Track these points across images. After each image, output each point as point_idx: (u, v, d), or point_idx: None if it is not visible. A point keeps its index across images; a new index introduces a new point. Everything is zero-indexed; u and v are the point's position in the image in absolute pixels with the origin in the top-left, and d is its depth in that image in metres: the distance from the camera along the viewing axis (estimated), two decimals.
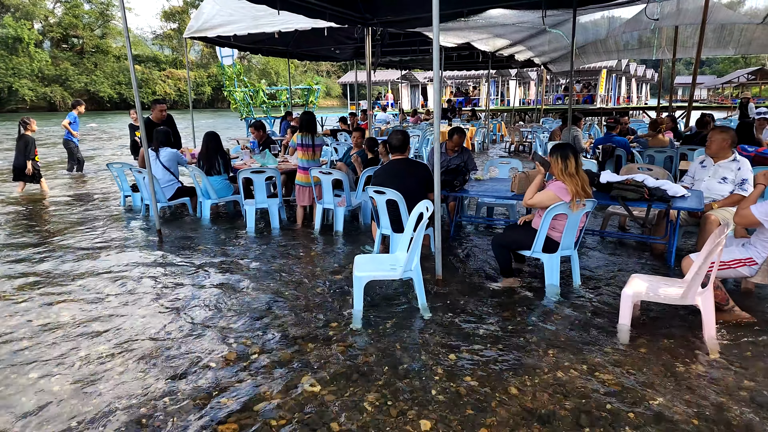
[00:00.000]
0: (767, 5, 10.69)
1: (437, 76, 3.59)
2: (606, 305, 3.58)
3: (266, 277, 4.23)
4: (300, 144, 5.44)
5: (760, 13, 11.04)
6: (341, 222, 5.42)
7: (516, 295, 3.77)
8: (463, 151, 5.68)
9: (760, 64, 44.37)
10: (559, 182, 3.63)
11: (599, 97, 24.92)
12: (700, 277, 2.88)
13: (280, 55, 12.76)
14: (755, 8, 11.11)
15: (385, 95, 28.15)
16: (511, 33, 10.85)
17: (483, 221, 5.80)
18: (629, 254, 4.69)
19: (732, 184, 4.41)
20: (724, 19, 11.96)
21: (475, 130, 14.29)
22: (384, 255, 3.75)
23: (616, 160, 7.37)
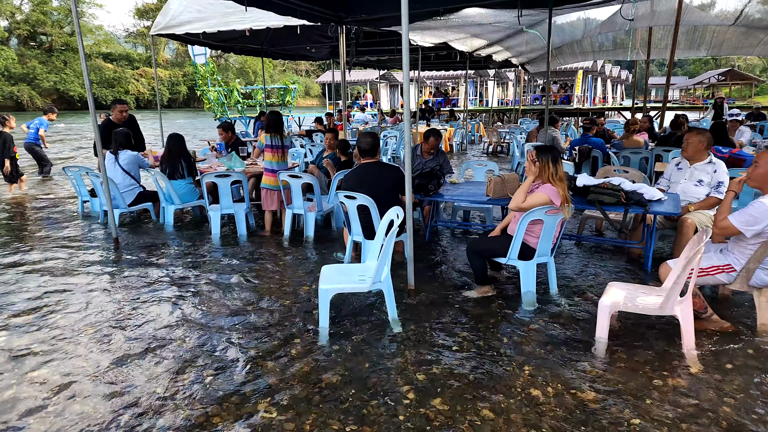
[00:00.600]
0: (737, 8, 10.80)
1: (407, 75, 3.41)
2: (583, 314, 3.45)
3: (227, 289, 3.99)
4: (269, 145, 5.20)
5: (730, 16, 11.17)
6: (312, 228, 5.21)
7: (491, 305, 3.61)
8: (439, 153, 5.53)
9: (729, 65, 45.53)
10: (549, 185, 3.49)
11: (576, 98, 25.16)
12: (678, 286, 2.76)
13: (254, 53, 12.44)
14: (725, 11, 11.24)
15: (364, 95, 27.92)
16: (488, 33, 10.78)
17: (458, 226, 5.65)
18: (606, 259, 4.59)
19: (708, 186, 4.34)
20: (697, 20, 12.10)
21: (453, 130, 14.20)
22: (353, 265, 3.56)
23: (592, 161, 7.31)
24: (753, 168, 3.03)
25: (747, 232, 2.96)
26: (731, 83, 40.32)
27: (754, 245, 3.03)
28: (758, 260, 3.03)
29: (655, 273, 4.17)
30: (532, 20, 9.43)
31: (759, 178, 3.00)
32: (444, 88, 30.00)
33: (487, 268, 3.88)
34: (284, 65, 63.95)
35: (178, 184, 5.60)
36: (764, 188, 3.02)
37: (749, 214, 2.95)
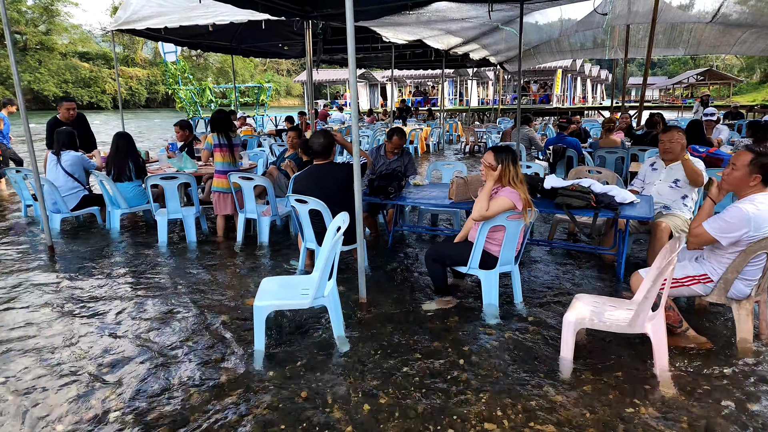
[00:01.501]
0: (715, 7, 10.70)
1: (353, 73, 3.09)
2: (548, 328, 3.16)
3: (165, 302, 3.62)
4: (217, 145, 4.83)
5: (708, 14, 11.08)
6: (266, 233, 4.85)
7: (450, 318, 3.30)
8: (404, 153, 5.21)
9: (708, 65, 46.16)
10: (510, 188, 3.19)
11: (555, 97, 25.12)
12: (648, 301, 2.48)
13: (223, 50, 12.00)
14: (704, 11, 11.14)
15: (343, 94, 27.55)
16: (463, 30, 10.50)
17: (425, 230, 5.34)
18: (577, 265, 4.32)
19: (686, 184, 4.10)
20: (674, 18, 12.00)
21: (429, 130, 13.93)
22: (298, 277, 3.22)
23: (567, 161, 7.08)
24: (729, 170, 2.77)
25: (723, 239, 2.70)
26: (710, 83, 40.82)
27: (731, 254, 2.77)
28: (736, 270, 2.77)
29: (628, 282, 3.91)
30: (506, 16, 9.18)
31: (734, 182, 2.74)
32: (423, 88, 29.76)
33: (447, 277, 3.58)
34: (265, 64, 63.16)
35: (125, 187, 5.19)
36: (740, 192, 2.76)
37: (724, 220, 2.69)
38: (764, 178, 2.66)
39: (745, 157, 2.68)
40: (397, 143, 5.07)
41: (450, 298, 3.56)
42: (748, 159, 2.67)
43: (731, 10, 10.69)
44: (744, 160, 2.68)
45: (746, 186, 2.71)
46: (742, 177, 2.69)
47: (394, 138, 5.05)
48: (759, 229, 2.65)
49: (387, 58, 13.63)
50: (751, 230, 2.64)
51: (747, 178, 2.68)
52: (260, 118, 17.76)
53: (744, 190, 2.73)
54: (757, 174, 2.66)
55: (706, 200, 2.95)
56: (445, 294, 3.56)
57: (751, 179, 2.68)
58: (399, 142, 5.07)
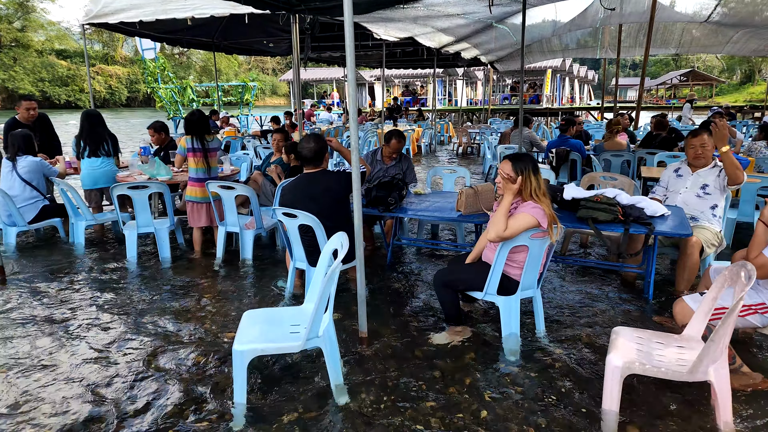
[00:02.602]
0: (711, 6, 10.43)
1: (351, 70, 2.61)
2: (581, 365, 2.72)
3: (129, 334, 3.10)
4: (190, 149, 4.30)
5: (704, 13, 10.83)
6: (250, 249, 4.34)
7: (465, 355, 2.84)
8: (403, 158, 4.75)
9: (690, 67, 46.57)
10: (532, 203, 2.75)
11: (545, 97, 24.89)
12: (717, 345, 2.05)
13: (204, 47, 11.42)
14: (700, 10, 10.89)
15: (331, 94, 26.96)
16: (456, 28, 10.09)
17: (425, 245, 4.88)
18: (595, 282, 3.90)
19: (717, 191, 3.70)
20: (669, 18, 11.74)
21: (421, 131, 13.50)
22: (287, 310, 2.73)
23: (570, 164, 6.68)
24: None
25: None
26: (692, 84, 41.16)
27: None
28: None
29: (658, 303, 3.50)
30: (503, 12, 8.79)
31: None
32: (413, 87, 29.32)
33: (459, 304, 3.12)
34: (250, 63, 62.14)
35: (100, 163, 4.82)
36: None
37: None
38: None
39: None
40: (396, 147, 4.60)
41: (462, 328, 3.11)
42: None
43: (727, 10, 10.44)
44: None
45: None
46: None
47: (393, 141, 4.59)
48: None
49: (377, 57, 13.16)
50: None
51: None
52: (245, 118, 17.13)
53: None
54: None
55: (758, 225, 2.52)
56: (456, 323, 3.11)
57: None
58: (398, 146, 4.61)
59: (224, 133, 9.91)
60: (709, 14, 10.69)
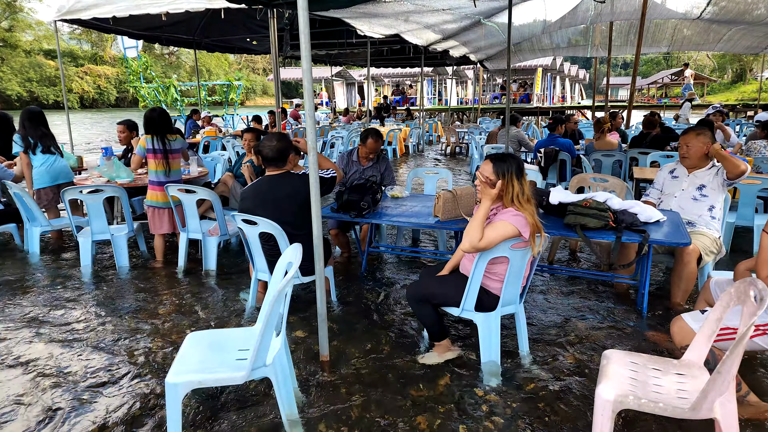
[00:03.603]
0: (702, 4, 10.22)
1: (307, 58, 2.30)
2: (568, 393, 2.44)
3: (65, 356, 2.78)
4: (150, 150, 3.98)
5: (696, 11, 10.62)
6: (214, 258, 4.02)
7: (440, 380, 2.55)
8: (380, 159, 4.43)
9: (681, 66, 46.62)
10: (513, 210, 2.45)
11: (536, 96, 24.69)
12: (723, 378, 1.76)
13: (184, 45, 11.06)
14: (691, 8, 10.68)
15: (319, 93, 26.63)
16: (444, 24, 9.81)
17: (403, 252, 4.58)
18: (585, 293, 3.61)
19: (714, 191, 3.44)
20: (661, 15, 11.53)
21: (409, 130, 13.22)
22: (236, 331, 2.41)
23: (560, 165, 6.42)
24: None
25: None
26: (683, 83, 41.12)
27: None
28: None
29: (653, 316, 3.22)
30: (490, 8, 8.51)
31: None
32: (402, 87, 29.04)
33: (441, 318, 2.80)
34: (240, 63, 61.58)
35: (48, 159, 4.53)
36: None
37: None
38: None
39: None
40: (373, 147, 4.30)
41: (448, 342, 2.79)
42: None
43: (718, 9, 10.24)
44: None
45: None
46: None
47: (369, 141, 4.28)
48: None
49: (363, 55, 12.87)
50: None
51: None
52: (230, 117, 16.75)
53: None
54: None
55: (763, 237, 2.24)
56: (440, 337, 2.78)
57: None
58: (375, 146, 4.30)
59: (204, 132, 9.56)
60: (701, 12, 10.49)
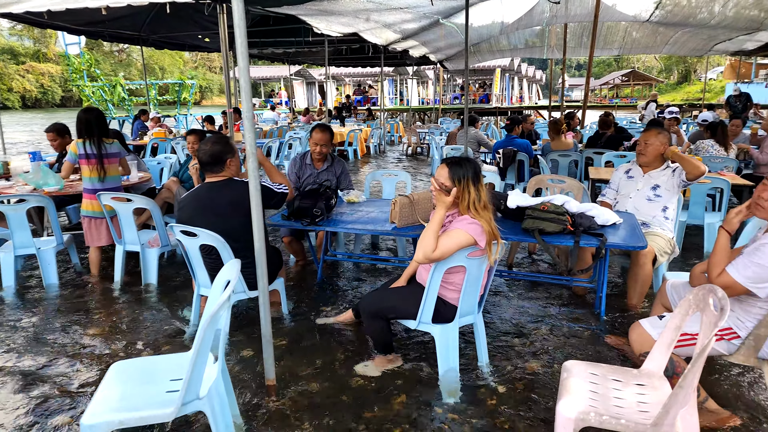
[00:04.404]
0: (651, 7, 10.53)
1: (243, 60, 2.10)
2: (528, 405, 2.33)
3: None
4: (83, 155, 3.66)
5: (645, 14, 10.94)
6: (154, 271, 3.74)
7: (395, 399, 2.40)
8: (335, 162, 4.23)
9: (630, 67, 48.54)
10: (468, 218, 2.31)
11: (495, 97, 25.03)
12: (685, 391, 1.68)
13: (131, 41, 10.53)
14: (641, 12, 11.00)
15: (278, 93, 26.10)
16: (403, 23, 9.71)
17: (360, 259, 4.41)
18: (544, 297, 3.55)
19: (668, 192, 3.44)
20: (612, 17, 11.83)
21: (370, 130, 13.06)
22: (166, 358, 2.18)
23: (518, 165, 6.41)
24: (764, 191, 2.04)
25: (760, 291, 1.96)
26: (633, 84, 42.92)
27: (766, 303, 2.05)
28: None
29: (610, 320, 3.18)
30: (449, 7, 8.46)
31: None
32: (364, 87, 28.86)
33: (390, 330, 2.67)
34: (196, 61, 59.80)
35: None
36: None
37: (759, 265, 1.95)
38: None
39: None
40: (321, 139, 3.95)
41: (393, 356, 2.66)
42: None
43: (665, 12, 10.58)
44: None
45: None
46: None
47: (316, 135, 3.99)
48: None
49: (322, 54, 12.63)
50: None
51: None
52: (183, 117, 16.12)
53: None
54: None
55: (720, 234, 2.20)
56: (386, 351, 2.66)
57: None
58: (323, 138, 3.94)
59: (153, 134, 9.09)
60: (650, 15, 10.82)
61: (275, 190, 2.96)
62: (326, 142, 3.99)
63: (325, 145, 4.00)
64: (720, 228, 2.23)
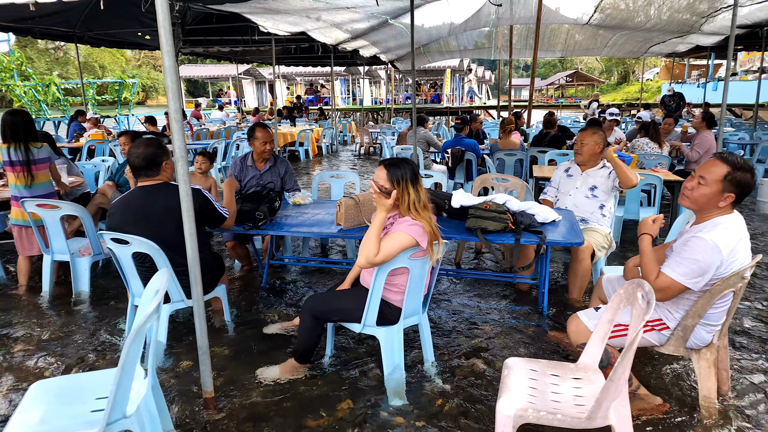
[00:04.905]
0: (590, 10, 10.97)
1: (170, 59, 2.00)
2: (474, 402, 2.36)
3: None
4: (8, 161, 3.40)
5: (585, 17, 11.39)
6: (86, 280, 3.53)
7: (341, 404, 2.36)
8: (279, 161, 4.12)
9: (574, 68, 50.52)
10: (409, 219, 2.30)
11: (445, 97, 25.40)
12: (616, 384, 1.74)
13: (64, 38, 9.94)
14: (581, 14, 11.44)
15: (227, 92, 25.43)
16: (351, 23, 9.66)
17: (308, 263, 4.34)
18: (489, 294, 3.60)
19: (604, 193, 3.57)
20: (554, 20, 12.24)
21: (321, 130, 12.93)
22: (92, 375, 2.05)
23: (466, 165, 6.51)
24: (694, 184, 2.12)
25: (695, 285, 2.05)
26: (577, 84, 44.74)
27: (693, 295, 2.15)
28: (698, 315, 2.16)
29: (553, 315, 3.27)
30: (396, 8, 8.48)
31: (701, 200, 2.10)
32: (316, 86, 28.58)
33: (319, 342, 2.58)
34: (140, 59, 57.32)
35: None
36: (704, 213, 2.14)
37: (693, 260, 2.03)
38: (737, 199, 2.06)
39: (719, 169, 2.05)
40: (267, 137, 3.88)
41: (303, 367, 2.59)
42: (723, 173, 2.03)
43: (604, 15, 11.06)
44: (717, 173, 2.04)
45: (714, 206, 2.09)
46: (713, 195, 2.06)
47: (260, 134, 3.87)
48: (729, 264, 2.04)
49: (270, 53, 12.39)
50: (721, 266, 2.03)
51: (718, 196, 2.06)
52: (125, 118, 15.41)
53: (710, 211, 2.11)
54: (730, 193, 2.04)
55: (643, 239, 2.27)
56: (304, 361, 2.58)
57: (722, 198, 2.06)
58: (265, 136, 3.86)
59: (90, 135, 8.63)
60: (589, 18, 11.27)
61: (217, 209, 2.87)
62: (271, 140, 3.91)
63: (270, 142, 3.91)
64: (643, 234, 2.29)
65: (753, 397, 2.38)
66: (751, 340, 2.92)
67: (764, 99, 16.71)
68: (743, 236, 2.10)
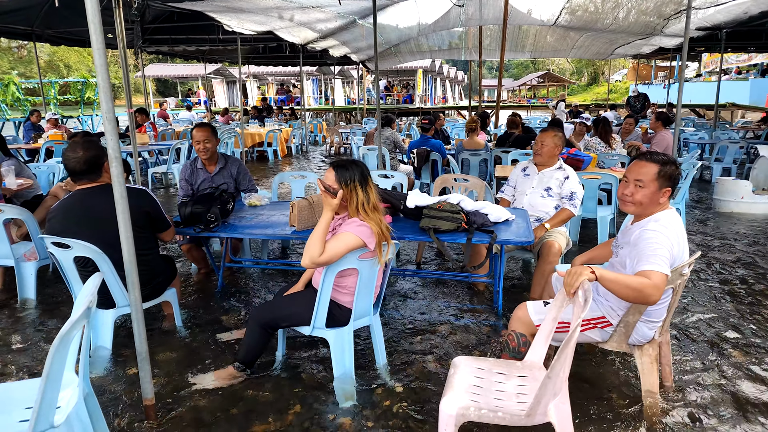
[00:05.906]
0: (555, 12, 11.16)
1: (100, 56, 1.94)
2: (423, 404, 2.35)
3: None
4: None
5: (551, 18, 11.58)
6: (32, 286, 3.40)
7: (290, 409, 2.32)
8: (230, 162, 3.99)
9: (546, 69, 51.40)
10: (357, 221, 2.28)
11: (418, 97, 25.51)
12: (553, 382, 1.75)
13: (23, 36, 9.61)
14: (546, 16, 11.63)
15: (197, 92, 24.98)
16: (319, 23, 9.60)
17: (266, 266, 4.28)
18: (445, 294, 3.62)
19: (557, 197, 3.62)
20: (521, 21, 12.40)
21: (290, 131, 12.81)
22: (22, 384, 1.97)
23: (432, 165, 6.53)
24: (632, 189, 2.16)
25: None
26: (548, 84, 45.55)
27: None
28: (640, 311, 2.20)
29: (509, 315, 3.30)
30: (362, 9, 8.46)
31: (645, 201, 2.14)
32: (287, 86, 28.33)
33: (264, 350, 2.54)
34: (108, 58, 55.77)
35: None
36: (646, 211, 2.19)
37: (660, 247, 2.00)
38: (673, 191, 2.12)
39: (650, 169, 2.10)
40: (203, 136, 3.72)
41: (242, 374, 2.53)
42: (655, 171, 2.09)
43: (571, 16, 11.27)
44: (650, 173, 2.10)
45: (656, 203, 2.15)
46: (653, 194, 2.11)
47: (196, 134, 3.72)
48: (674, 260, 2.10)
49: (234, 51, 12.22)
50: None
51: (657, 193, 2.12)
52: (89, 118, 14.97)
53: (653, 208, 2.16)
54: (667, 187, 2.11)
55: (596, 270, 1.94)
56: (245, 368, 2.53)
57: (661, 194, 2.12)
58: (202, 135, 3.72)
59: (49, 136, 8.34)
60: (556, 19, 11.45)
61: (165, 217, 2.83)
62: (208, 138, 3.76)
63: (207, 140, 3.75)
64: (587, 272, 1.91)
65: (694, 391, 2.45)
66: (696, 335, 3.00)
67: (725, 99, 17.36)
68: (680, 233, 2.15)
